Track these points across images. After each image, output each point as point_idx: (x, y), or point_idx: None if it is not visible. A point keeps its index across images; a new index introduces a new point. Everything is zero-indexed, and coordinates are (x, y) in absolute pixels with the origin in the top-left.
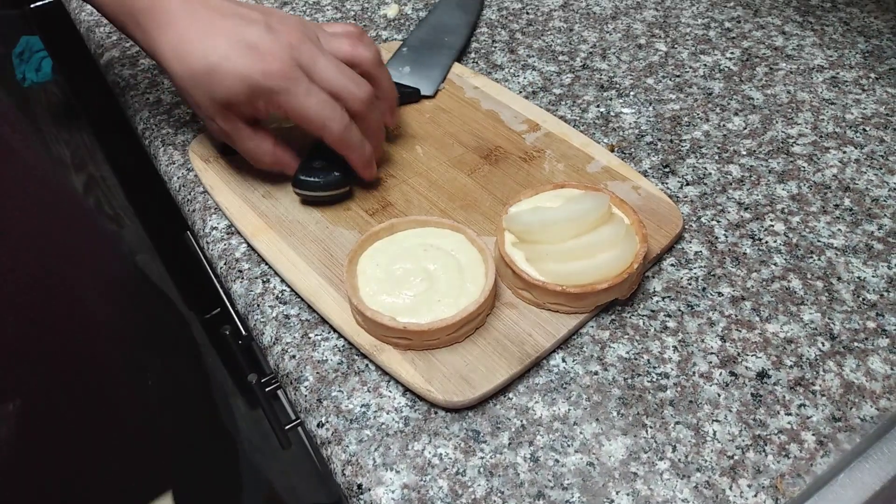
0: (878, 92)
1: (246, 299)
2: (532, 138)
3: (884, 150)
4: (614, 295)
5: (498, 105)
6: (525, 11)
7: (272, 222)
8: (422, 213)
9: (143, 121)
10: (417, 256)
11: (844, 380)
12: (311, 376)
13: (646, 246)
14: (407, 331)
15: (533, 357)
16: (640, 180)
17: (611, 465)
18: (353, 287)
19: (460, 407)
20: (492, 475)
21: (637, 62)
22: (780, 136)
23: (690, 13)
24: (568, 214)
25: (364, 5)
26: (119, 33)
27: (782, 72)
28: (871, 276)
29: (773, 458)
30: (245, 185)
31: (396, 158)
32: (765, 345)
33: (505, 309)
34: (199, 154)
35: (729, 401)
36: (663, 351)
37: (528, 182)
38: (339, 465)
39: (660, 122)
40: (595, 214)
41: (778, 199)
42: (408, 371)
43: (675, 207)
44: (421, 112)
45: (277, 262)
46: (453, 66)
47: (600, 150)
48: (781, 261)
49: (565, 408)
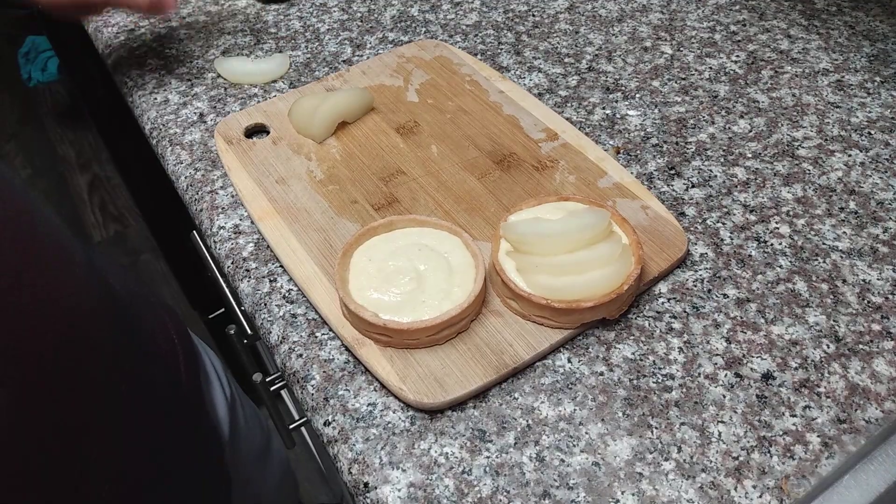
0: (883, 95)
1: (253, 298)
2: (548, 148)
3: (889, 154)
4: (601, 314)
5: (520, 111)
6: (531, 14)
7: (280, 208)
8: (427, 211)
9: (150, 121)
10: (410, 256)
11: (849, 382)
12: (317, 375)
13: (640, 268)
14: (387, 328)
15: (510, 367)
16: (650, 200)
17: (616, 466)
18: (342, 279)
19: (430, 409)
20: (497, 474)
21: (643, 65)
22: (786, 139)
23: (696, 16)
24: (564, 228)
25: (370, 7)
26: (127, 33)
27: (788, 75)
28: (875, 279)
29: (779, 459)
30: (261, 169)
31: (410, 156)
32: (770, 346)
33: (491, 316)
34: (223, 135)
35: (734, 402)
36: (669, 352)
37: (536, 191)
38: (346, 464)
39: (665, 124)
40: (592, 231)
41: (783, 201)
42: (384, 367)
43: (681, 231)
44: (443, 112)
45: (278, 246)
46: (482, 69)
47: (615, 165)
48: (786, 263)
49: (571, 408)
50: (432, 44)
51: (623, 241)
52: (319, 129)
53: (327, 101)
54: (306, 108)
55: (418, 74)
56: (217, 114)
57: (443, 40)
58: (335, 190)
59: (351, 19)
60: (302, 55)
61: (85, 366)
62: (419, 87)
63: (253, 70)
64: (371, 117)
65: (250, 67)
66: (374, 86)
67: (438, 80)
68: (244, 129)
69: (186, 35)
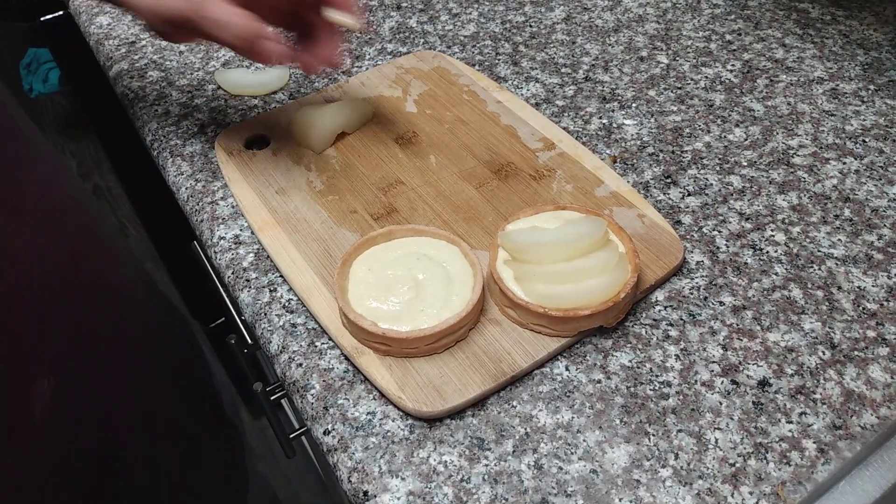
0: (877, 104)
1: (253, 308)
2: (546, 157)
3: (883, 161)
4: (598, 322)
5: (517, 121)
6: (528, 24)
7: (280, 218)
8: (425, 221)
9: (151, 132)
10: (409, 265)
11: (845, 388)
12: (317, 384)
13: (636, 276)
14: (386, 337)
15: (508, 376)
16: (646, 209)
17: (614, 473)
18: (341, 289)
19: (429, 418)
20: (496, 482)
21: (639, 74)
22: (781, 147)
23: (692, 26)
24: (560, 237)
25: (369, 18)
26: (128, 46)
27: (783, 84)
28: (871, 286)
29: (775, 465)
30: (261, 180)
31: (409, 166)
32: (766, 353)
33: (489, 325)
34: (224, 147)
35: (730, 409)
36: (665, 359)
37: (534, 200)
38: (346, 473)
39: (661, 133)
40: (589, 239)
41: (778, 209)
42: (383, 376)
43: (677, 240)
44: (441, 122)
45: (278, 256)
46: (479, 80)
47: (612, 174)
48: (782, 270)
49: (569, 416)
50: (430, 55)
51: (620, 250)
52: (319, 140)
53: (327, 113)
54: (306, 119)
55: (417, 85)
56: (217, 125)
57: (441, 51)
58: (335, 200)
59: (350, 31)
60: None
61: (129, 354)
62: (418, 97)
63: (253, 82)
64: (370, 128)
65: (250, 79)
66: (373, 97)
67: (437, 91)
68: (244, 141)
69: (187, 47)
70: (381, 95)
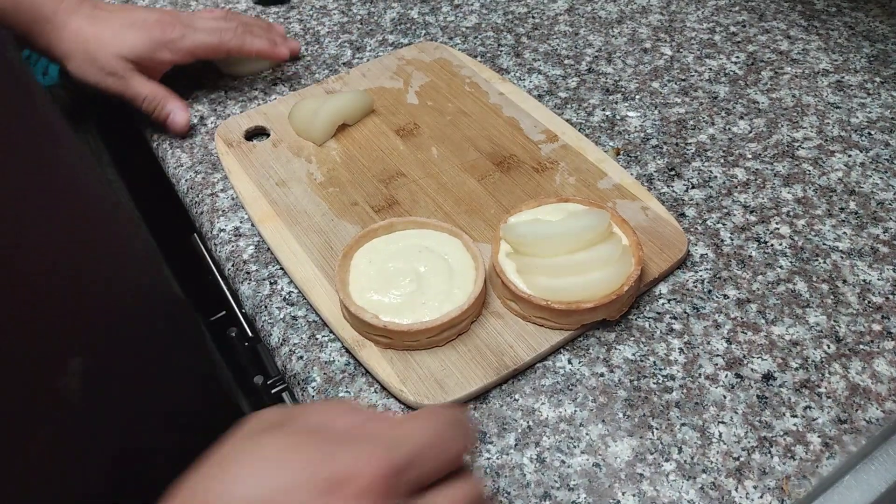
0: (883, 96)
1: (254, 301)
2: (548, 149)
3: (889, 154)
4: (601, 315)
5: (519, 113)
6: (531, 15)
7: (281, 210)
8: (427, 213)
9: (151, 124)
10: (411, 257)
11: (850, 382)
12: (318, 377)
13: (640, 269)
14: (388, 329)
15: (510, 369)
16: (650, 201)
17: (617, 466)
18: (342, 281)
19: None
20: (498, 475)
21: (642, 66)
22: (786, 139)
23: (696, 17)
24: (563, 230)
25: (370, 10)
26: None
27: (787, 76)
28: (876, 279)
29: (779, 459)
30: (262, 172)
31: (410, 158)
32: (770, 347)
33: (491, 318)
34: (223, 138)
35: (735, 403)
36: (669, 353)
37: (536, 193)
38: None
39: (665, 125)
40: (592, 232)
41: (783, 202)
42: (384, 369)
43: (681, 232)
44: (443, 114)
45: (279, 248)
46: (482, 71)
47: (615, 167)
48: (787, 263)
49: (571, 409)
50: (432, 46)
51: (623, 242)
52: (319, 132)
53: (327, 104)
54: (306, 111)
55: (418, 77)
56: (217, 116)
57: (443, 42)
58: (335, 192)
59: (351, 22)
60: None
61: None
62: (419, 89)
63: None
64: (371, 120)
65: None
66: (374, 88)
67: (438, 83)
68: (244, 132)
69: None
70: (383, 87)
